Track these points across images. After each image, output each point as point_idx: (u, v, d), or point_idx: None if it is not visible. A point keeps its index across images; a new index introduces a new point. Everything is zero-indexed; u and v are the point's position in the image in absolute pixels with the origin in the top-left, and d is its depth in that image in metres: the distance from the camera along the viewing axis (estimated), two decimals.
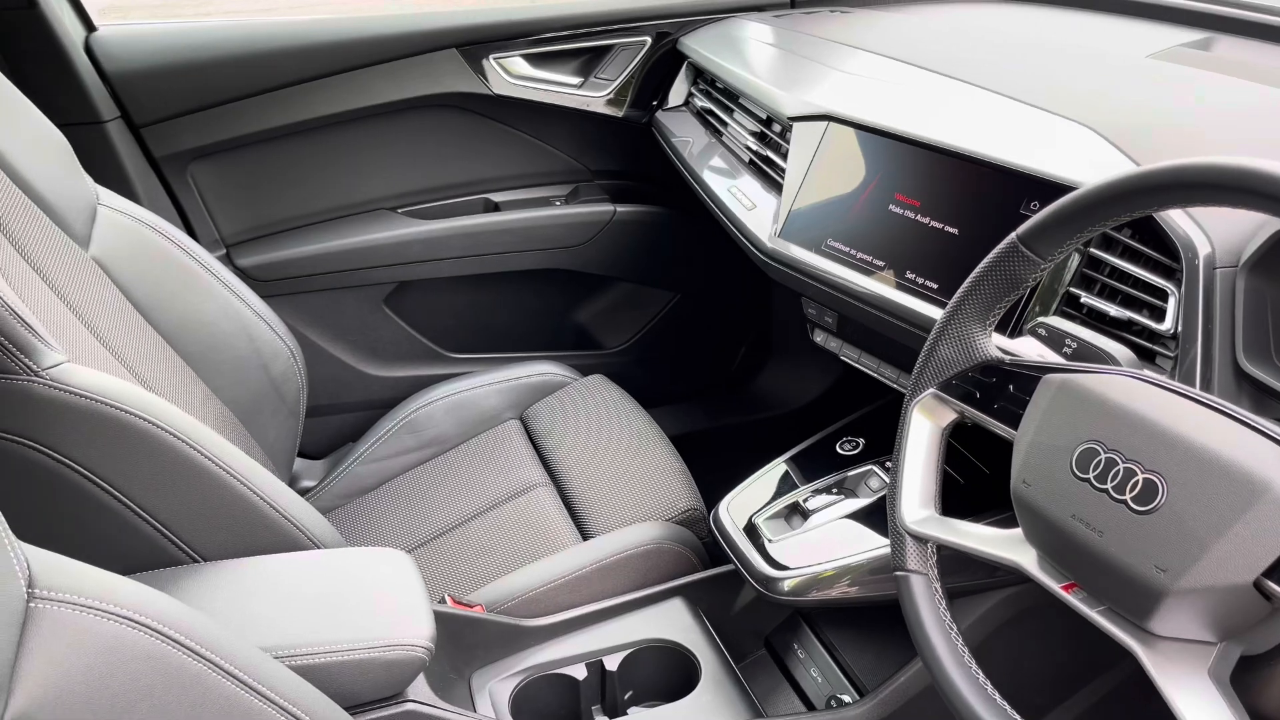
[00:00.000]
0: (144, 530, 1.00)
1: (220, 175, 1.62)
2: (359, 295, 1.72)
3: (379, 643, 0.92)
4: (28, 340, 0.91)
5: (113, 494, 0.97)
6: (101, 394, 0.95)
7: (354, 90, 1.60)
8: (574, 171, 1.81)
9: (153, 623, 0.72)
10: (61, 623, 0.67)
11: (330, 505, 1.58)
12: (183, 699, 0.72)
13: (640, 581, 1.30)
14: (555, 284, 1.85)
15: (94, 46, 1.48)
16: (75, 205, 1.27)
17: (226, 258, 1.64)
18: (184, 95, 1.53)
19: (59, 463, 0.94)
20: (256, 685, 0.76)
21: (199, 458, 1.01)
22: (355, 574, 1.00)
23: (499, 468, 1.53)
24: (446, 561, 1.38)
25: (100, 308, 1.22)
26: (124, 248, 1.32)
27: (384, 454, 1.61)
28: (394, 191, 1.71)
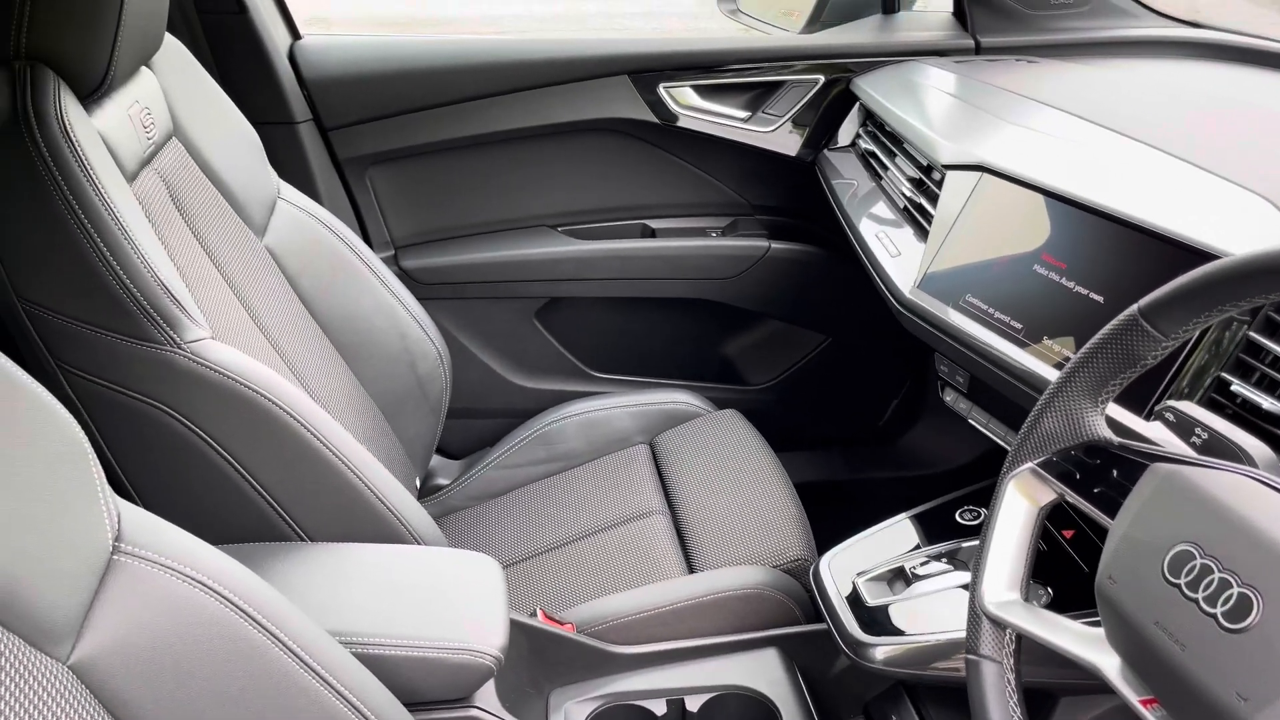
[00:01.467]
0: (259, 504, 1.06)
1: (396, 180, 1.71)
2: (512, 306, 1.77)
3: (448, 644, 0.94)
4: (174, 314, 0.99)
5: (234, 466, 1.04)
6: (235, 371, 1.02)
7: (527, 109, 1.66)
8: (733, 204, 1.81)
9: (226, 591, 0.76)
10: (139, 578, 0.72)
11: (458, 505, 1.63)
12: (242, 669, 0.75)
13: (737, 625, 1.26)
14: (703, 314, 1.84)
15: (296, 53, 1.60)
16: (257, 197, 1.37)
17: (394, 259, 1.73)
18: (371, 103, 1.63)
19: (190, 430, 1.02)
20: (316, 666, 0.79)
21: (317, 444, 1.06)
22: (441, 574, 1.03)
23: (620, 490, 1.54)
24: (550, 575, 1.40)
25: (264, 293, 1.31)
26: (296, 240, 1.41)
27: (515, 462, 1.65)
28: (555, 210, 1.76)
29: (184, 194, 1.22)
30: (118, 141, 1.08)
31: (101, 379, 1.00)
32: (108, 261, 0.95)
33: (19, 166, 0.94)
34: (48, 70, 0.97)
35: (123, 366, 0.99)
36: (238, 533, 1.06)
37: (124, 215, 0.97)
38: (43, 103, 0.95)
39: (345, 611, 0.94)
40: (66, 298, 0.97)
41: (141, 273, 0.97)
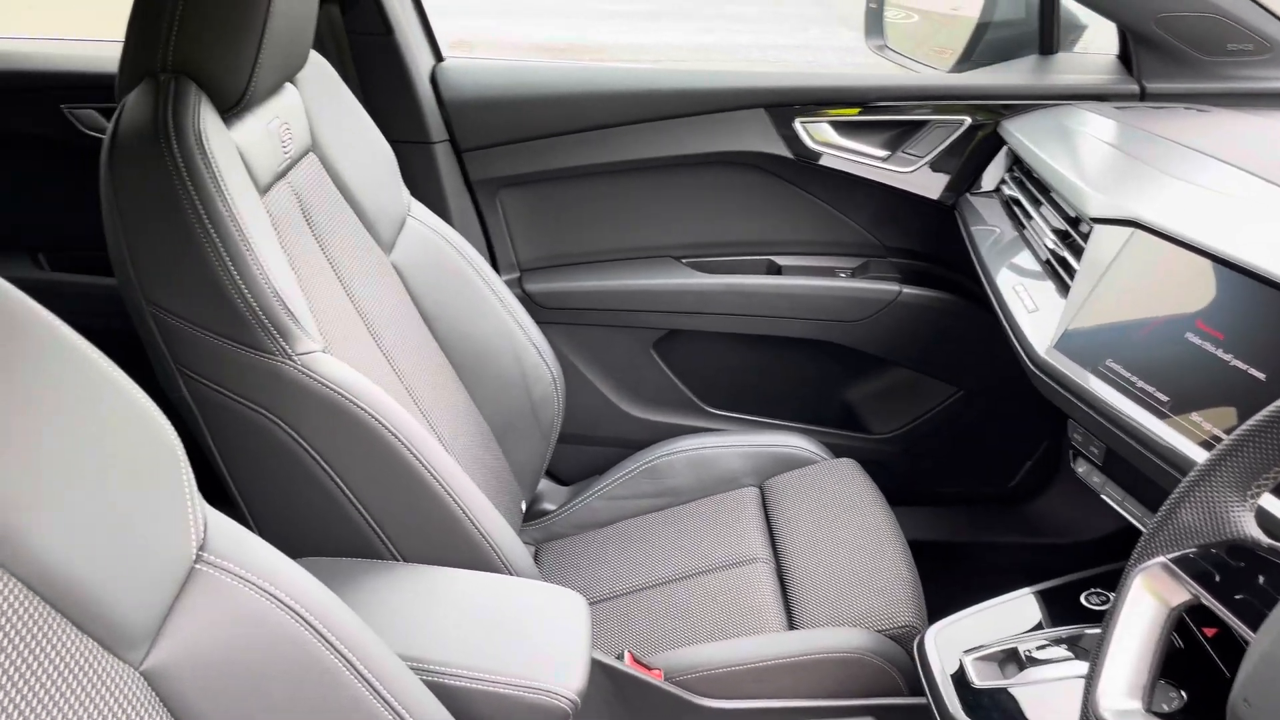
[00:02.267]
0: (356, 520, 1.06)
1: (526, 204, 1.72)
2: (631, 335, 1.75)
3: (525, 682, 0.91)
4: (287, 326, 1.01)
5: (335, 480, 1.05)
6: (342, 387, 1.03)
7: (660, 139, 1.65)
8: (866, 245, 1.74)
9: (303, 610, 0.75)
10: (219, 590, 0.72)
11: (561, 532, 1.62)
12: (312, 691, 0.75)
13: (834, 689, 1.20)
14: (827, 357, 1.78)
15: (438, 75, 1.64)
16: (388, 214, 1.40)
17: (518, 281, 1.74)
18: (506, 126, 1.65)
19: (295, 441, 1.03)
20: (386, 695, 0.78)
21: (417, 465, 1.06)
22: (527, 608, 1.01)
23: (725, 533, 1.49)
24: (643, 615, 1.36)
25: (386, 308, 1.33)
26: (421, 258, 1.43)
27: (621, 494, 1.62)
28: (681, 241, 1.73)
29: (315, 208, 1.25)
30: (254, 154, 1.11)
31: (217, 384, 1.02)
32: (229, 271, 0.98)
33: (156, 175, 0.97)
34: (190, 83, 1.01)
35: (236, 374, 1.01)
36: (334, 546, 1.07)
37: (248, 227, 1.00)
38: (182, 115, 0.98)
39: (425, 637, 0.93)
40: (189, 303, 1.00)
41: (259, 283, 0.99)
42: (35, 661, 0.60)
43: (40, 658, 0.61)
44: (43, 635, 0.61)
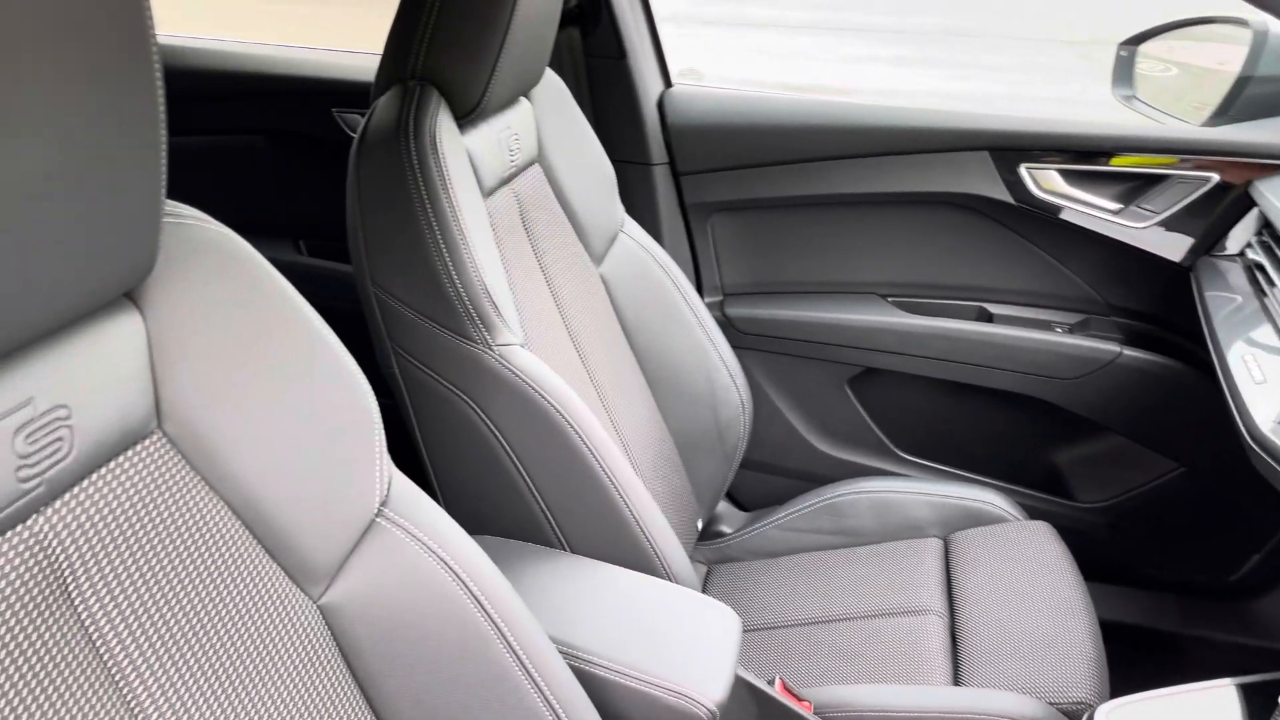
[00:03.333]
0: (531, 505, 1.12)
1: (737, 229, 1.75)
2: (825, 369, 1.74)
3: (668, 684, 0.93)
4: (491, 318, 1.09)
5: (517, 466, 1.11)
6: (533, 379, 1.09)
7: (877, 175, 1.64)
8: (1087, 301, 1.65)
9: (466, 577, 0.81)
10: (393, 544, 0.79)
11: (734, 556, 1.63)
12: (462, 652, 0.80)
13: None
14: (1033, 414, 1.70)
15: (665, 100, 1.70)
16: (601, 227, 1.47)
17: (720, 304, 1.77)
18: (725, 153, 1.69)
19: (485, 425, 1.10)
20: (532, 669, 0.82)
21: (594, 463, 1.11)
22: (680, 614, 1.03)
23: (901, 580, 1.45)
24: (803, 648, 1.34)
25: (588, 315, 1.40)
26: (628, 273, 1.49)
27: (799, 526, 1.61)
28: (887, 279, 1.71)
29: (533, 214, 1.33)
30: (483, 159, 1.20)
31: (424, 365, 1.11)
32: (445, 262, 1.07)
33: (393, 171, 1.07)
34: (433, 90, 1.11)
35: (442, 357, 1.10)
36: (509, 528, 1.13)
37: (467, 224, 1.08)
38: (421, 118, 1.08)
39: (578, 625, 0.97)
40: (408, 288, 1.09)
41: (470, 276, 1.07)
42: (230, 577, 0.68)
43: (235, 575, 0.69)
44: (239, 555, 0.70)
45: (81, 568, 0.59)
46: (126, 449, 0.63)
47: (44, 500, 0.57)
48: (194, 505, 0.67)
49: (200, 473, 0.68)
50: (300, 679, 0.72)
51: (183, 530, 0.66)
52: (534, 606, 0.87)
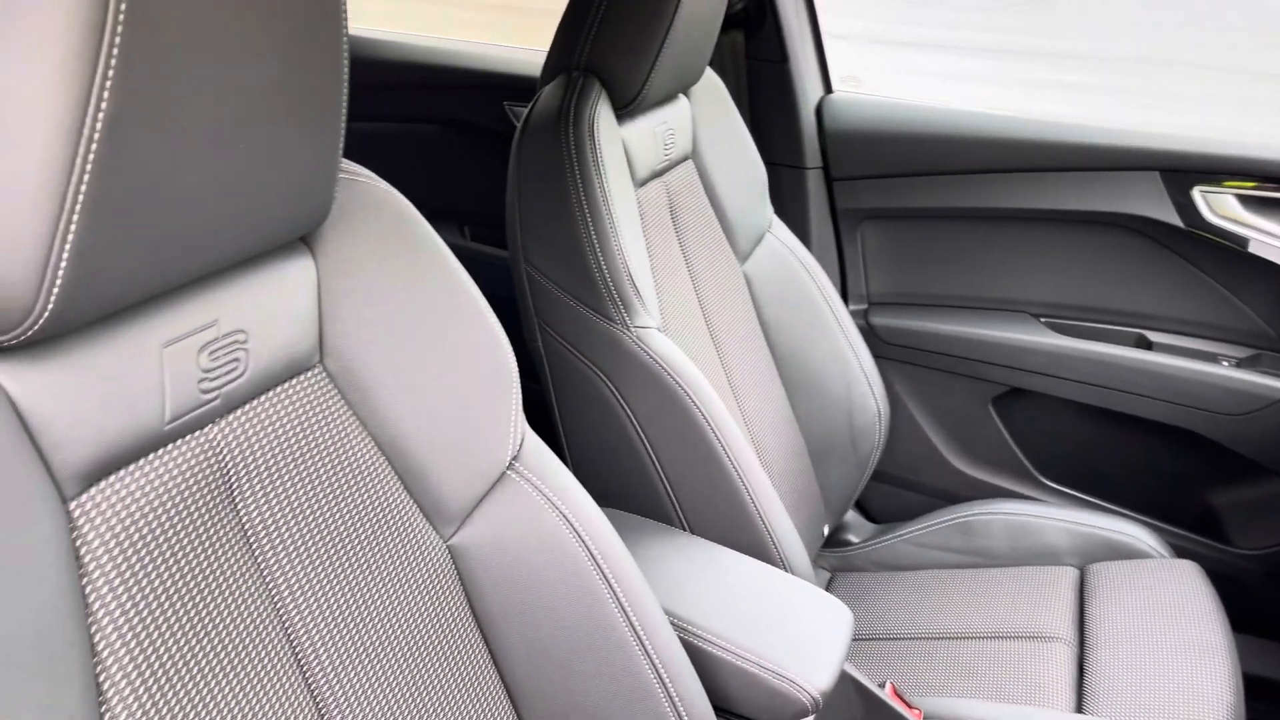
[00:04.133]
0: (655, 484, 1.16)
1: (886, 238, 1.74)
2: (970, 386, 1.71)
3: (774, 667, 0.95)
4: (632, 300, 1.13)
5: (645, 445, 1.15)
6: (666, 362, 1.13)
7: (1036, 191, 1.60)
8: (1259, 335, 1.56)
9: (586, 537, 0.85)
10: (521, 496, 0.84)
11: (859, 566, 1.62)
12: (576, 608, 0.84)
13: None
14: (1189, 448, 1.62)
15: (824, 105, 1.71)
16: (748, 227, 1.49)
17: (864, 313, 1.76)
18: (880, 161, 1.68)
19: (618, 402, 1.14)
20: (641, 632, 0.85)
21: (719, 449, 1.14)
22: (793, 602, 1.04)
23: (1031, 606, 1.41)
24: (920, 661, 1.33)
25: (727, 310, 1.42)
26: (772, 273, 1.51)
27: (929, 542, 1.59)
28: (1040, 298, 1.66)
29: (682, 208, 1.37)
30: (637, 150, 1.25)
31: (565, 341, 1.17)
32: (592, 244, 1.12)
33: (551, 155, 1.13)
34: (595, 81, 1.17)
35: (582, 334, 1.15)
36: (632, 503, 1.17)
37: (616, 210, 1.13)
38: (582, 107, 1.14)
39: (690, 600, 1.00)
40: (556, 267, 1.15)
41: (615, 259, 1.12)
42: (372, 507, 0.75)
43: (376, 506, 0.75)
44: (381, 489, 0.76)
45: (246, 477, 0.66)
46: (291, 378, 0.70)
47: (219, 413, 0.64)
48: (345, 437, 0.73)
49: (353, 408, 0.74)
50: (426, 608, 0.77)
51: (334, 458, 0.72)
52: (650, 578, 0.90)
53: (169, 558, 0.60)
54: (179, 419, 0.61)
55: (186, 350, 0.61)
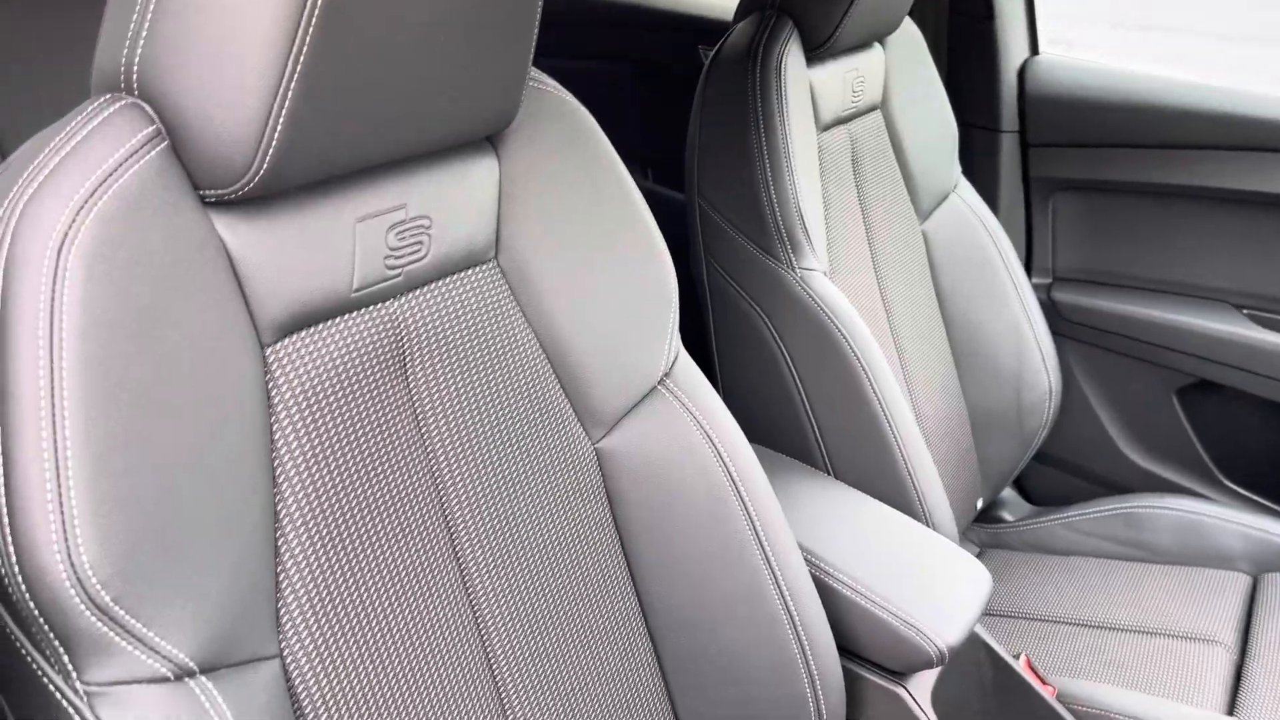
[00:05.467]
0: (804, 427, 1.16)
1: (1079, 211, 1.66)
2: (1154, 374, 1.62)
3: (903, 615, 0.94)
4: (800, 241, 1.13)
5: (798, 386, 1.16)
6: (829, 306, 1.13)
7: (1252, 172, 1.48)
8: None
9: (728, 459, 0.87)
10: (669, 411, 0.87)
11: (1011, 545, 1.57)
12: (712, 526, 0.86)
13: None
14: None
15: (1028, 68, 1.64)
16: (932, 185, 1.46)
17: (1048, 287, 1.69)
18: (1081, 129, 1.60)
19: (776, 342, 1.16)
20: (773, 561, 0.87)
21: (873, 399, 1.13)
22: (932, 556, 1.03)
23: (1192, 605, 1.34)
24: (1064, 644, 1.29)
25: (899, 267, 1.40)
26: (953, 236, 1.48)
27: (1089, 530, 1.53)
28: (1244, 288, 1.55)
29: (864, 158, 1.35)
30: (824, 94, 1.24)
31: (730, 276, 1.18)
32: (766, 182, 1.12)
33: (736, 90, 1.14)
34: (788, 20, 1.17)
35: (747, 271, 1.16)
36: (779, 442, 1.18)
37: (795, 151, 1.13)
38: (771, 45, 1.14)
39: (825, 538, 1.00)
40: (728, 202, 1.16)
41: (788, 198, 1.12)
42: (530, 400, 0.79)
43: (534, 399, 0.79)
44: (540, 384, 0.80)
45: (419, 350, 0.72)
46: (468, 268, 0.75)
47: (401, 290, 0.70)
48: (512, 331, 0.78)
49: (520, 304, 0.79)
50: (571, 506, 0.81)
51: (500, 349, 0.77)
52: (788, 514, 0.91)
53: (347, 414, 0.66)
54: (365, 289, 0.67)
55: (377, 227, 0.66)
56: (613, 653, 0.82)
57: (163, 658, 0.51)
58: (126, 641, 0.50)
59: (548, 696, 0.77)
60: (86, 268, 0.50)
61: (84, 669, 0.49)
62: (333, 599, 0.63)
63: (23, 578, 0.48)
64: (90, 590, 0.49)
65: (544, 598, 0.78)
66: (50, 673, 0.50)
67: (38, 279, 0.49)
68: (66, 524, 0.48)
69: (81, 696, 0.49)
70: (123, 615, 0.50)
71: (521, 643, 0.76)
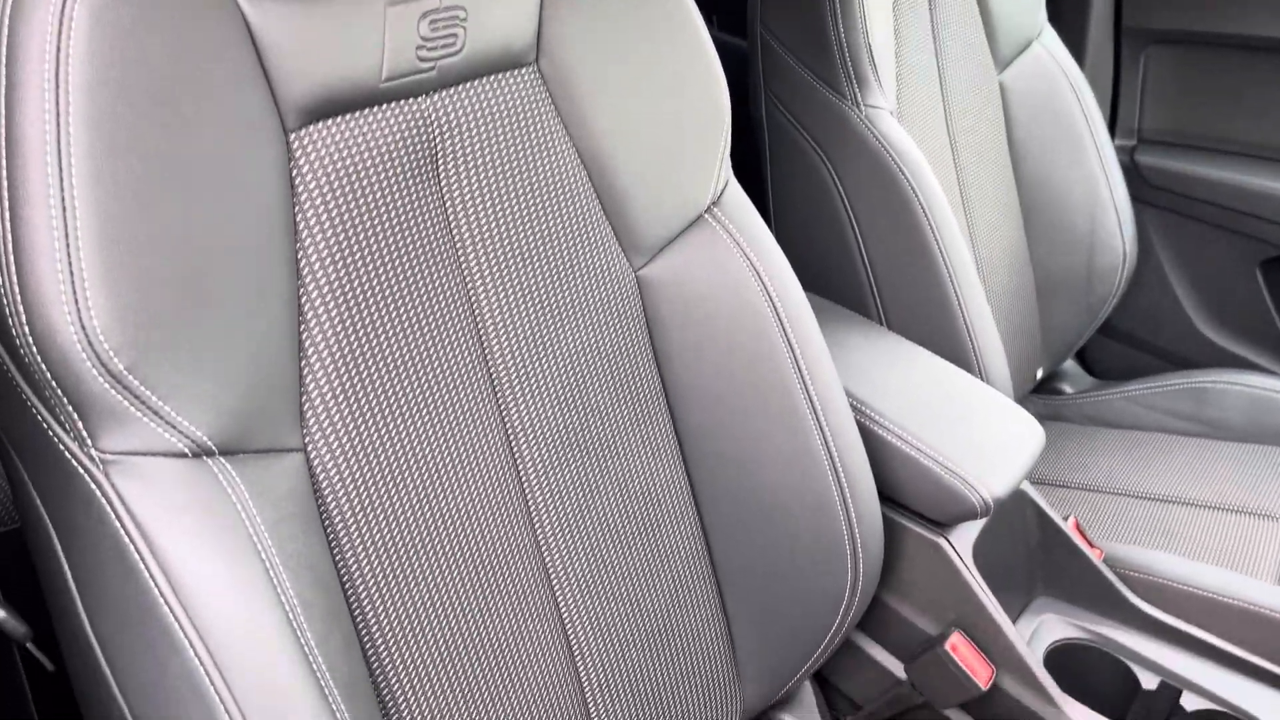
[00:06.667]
0: (859, 274, 1.12)
1: (1173, 68, 1.55)
2: (1238, 244, 1.53)
3: (949, 464, 0.92)
4: (867, 77, 1.06)
5: (856, 231, 1.11)
6: (893, 147, 1.07)
7: None
8: None
9: (774, 293, 0.83)
10: (714, 240, 0.83)
11: (1069, 417, 1.52)
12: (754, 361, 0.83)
13: None
14: None
15: None
16: (1015, 31, 1.36)
17: (1131, 149, 1.59)
18: None
19: (834, 183, 1.10)
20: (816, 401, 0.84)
21: (934, 246, 1.08)
22: (985, 410, 0.99)
23: (1257, 483, 1.29)
24: (1114, 514, 1.25)
25: (971, 116, 1.32)
26: (1032, 88, 1.38)
27: (1154, 404, 1.47)
28: None
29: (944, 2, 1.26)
30: None
31: (789, 113, 1.12)
32: (835, 11, 1.05)
33: None
34: None
35: (808, 108, 1.10)
36: (831, 289, 1.13)
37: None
38: None
39: (871, 384, 0.97)
40: (793, 33, 1.09)
41: (857, 33, 1.05)
42: (568, 217, 0.76)
43: (572, 217, 0.76)
44: (579, 202, 0.76)
45: (452, 152, 0.68)
46: (506, 70, 0.71)
47: (434, 85, 0.66)
48: (551, 142, 0.74)
49: (562, 115, 0.75)
50: (609, 333, 0.79)
51: (538, 160, 0.73)
52: (836, 359, 0.87)
53: (375, 210, 0.64)
54: (395, 80, 0.63)
55: (409, 14, 0.62)
56: (645, 474, 0.81)
57: (179, 433, 0.51)
58: (141, 413, 0.49)
59: (573, 504, 0.75)
60: (93, 16, 0.48)
61: (98, 436, 0.49)
62: (359, 396, 0.62)
63: (33, 337, 0.47)
64: (102, 355, 0.48)
65: (575, 410, 0.76)
66: (65, 439, 0.50)
67: (43, 27, 0.47)
68: (76, 284, 0.47)
69: (97, 464, 0.49)
70: (137, 385, 0.49)
71: (549, 451, 0.74)
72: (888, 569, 0.95)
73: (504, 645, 0.70)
